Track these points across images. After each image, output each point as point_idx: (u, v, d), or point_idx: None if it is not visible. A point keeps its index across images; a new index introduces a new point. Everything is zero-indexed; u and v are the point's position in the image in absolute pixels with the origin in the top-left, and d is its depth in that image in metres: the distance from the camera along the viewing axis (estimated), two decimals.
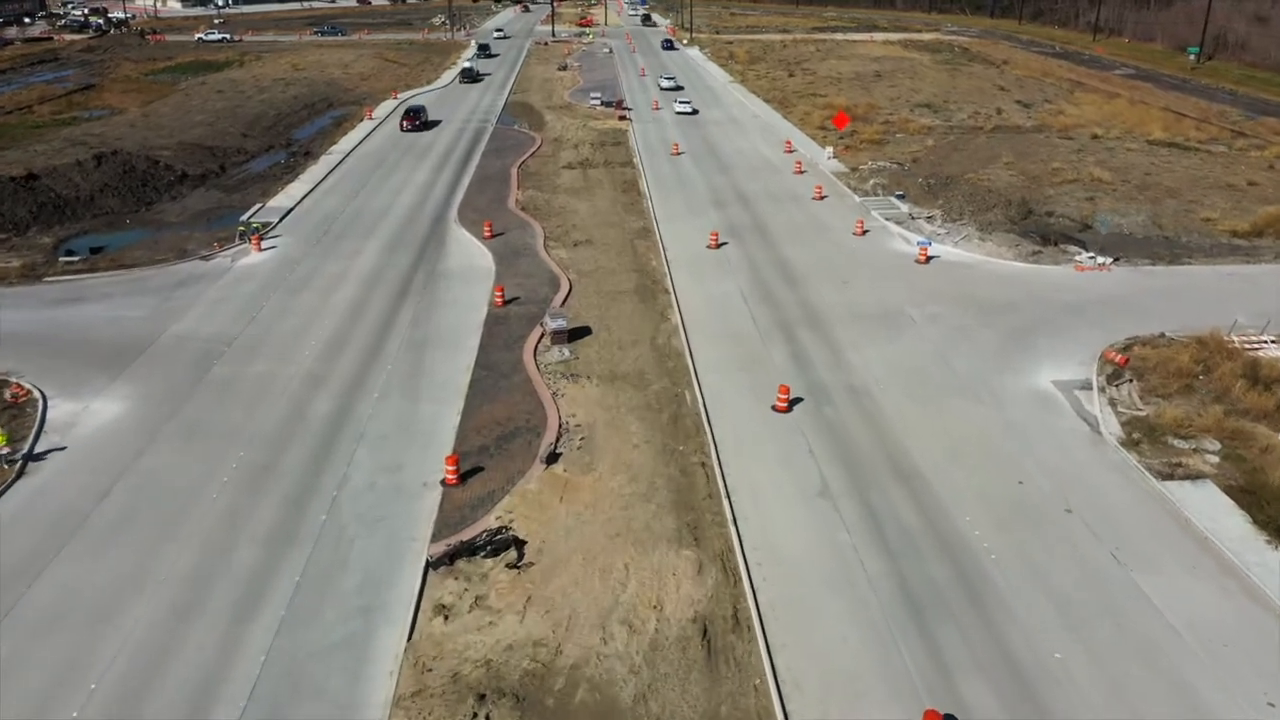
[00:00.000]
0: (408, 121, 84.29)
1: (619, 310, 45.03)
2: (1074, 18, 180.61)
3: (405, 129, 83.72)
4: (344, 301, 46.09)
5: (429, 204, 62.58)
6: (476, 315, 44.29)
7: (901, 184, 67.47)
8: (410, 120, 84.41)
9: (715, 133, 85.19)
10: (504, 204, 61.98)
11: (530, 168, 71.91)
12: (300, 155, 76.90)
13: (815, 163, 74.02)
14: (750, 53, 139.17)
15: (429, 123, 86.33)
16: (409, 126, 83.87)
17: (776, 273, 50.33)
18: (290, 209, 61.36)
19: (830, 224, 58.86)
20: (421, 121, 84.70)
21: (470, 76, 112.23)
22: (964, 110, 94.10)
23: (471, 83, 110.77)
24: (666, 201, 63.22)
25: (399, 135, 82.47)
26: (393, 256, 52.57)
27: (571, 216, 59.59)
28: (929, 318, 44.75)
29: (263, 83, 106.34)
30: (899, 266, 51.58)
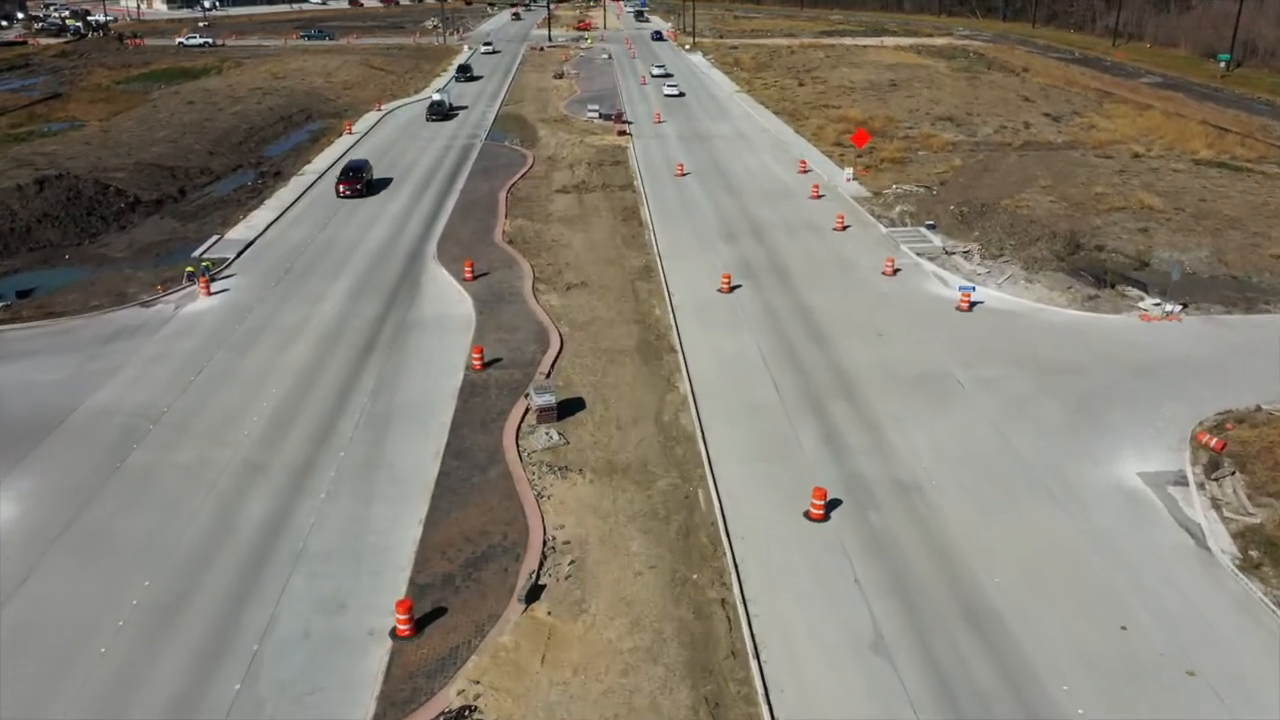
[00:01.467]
0: (345, 185, 63.40)
1: (618, 375, 38.45)
2: (1090, 21, 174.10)
3: (343, 194, 63.24)
4: (298, 362, 39.52)
5: (406, 235, 56.01)
6: (451, 382, 37.73)
7: (931, 211, 60.93)
8: (348, 184, 63.54)
9: (723, 150, 78.63)
10: (489, 236, 55.41)
11: (520, 192, 65.35)
12: (270, 176, 70.34)
13: (833, 185, 67.47)
14: (756, 59, 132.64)
15: (373, 183, 66.04)
16: (346, 192, 63.19)
17: (799, 324, 43.78)
18: (251, 241, 54.81)
19: (856, 260, 52.30)
20: (363, 183, 64.04)
21: (439, 113, 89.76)
22: (989, 124, 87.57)
23: (441, 120, 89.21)
24: (671, 233, 56.66)
25: (379, 154, 75.84)
26: (360, 302, 46.03)
27: (565, 252, 53.03)
28: (980, 383, 38.21)
29: (238, 92, 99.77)
30: (938, 315, 45.04)
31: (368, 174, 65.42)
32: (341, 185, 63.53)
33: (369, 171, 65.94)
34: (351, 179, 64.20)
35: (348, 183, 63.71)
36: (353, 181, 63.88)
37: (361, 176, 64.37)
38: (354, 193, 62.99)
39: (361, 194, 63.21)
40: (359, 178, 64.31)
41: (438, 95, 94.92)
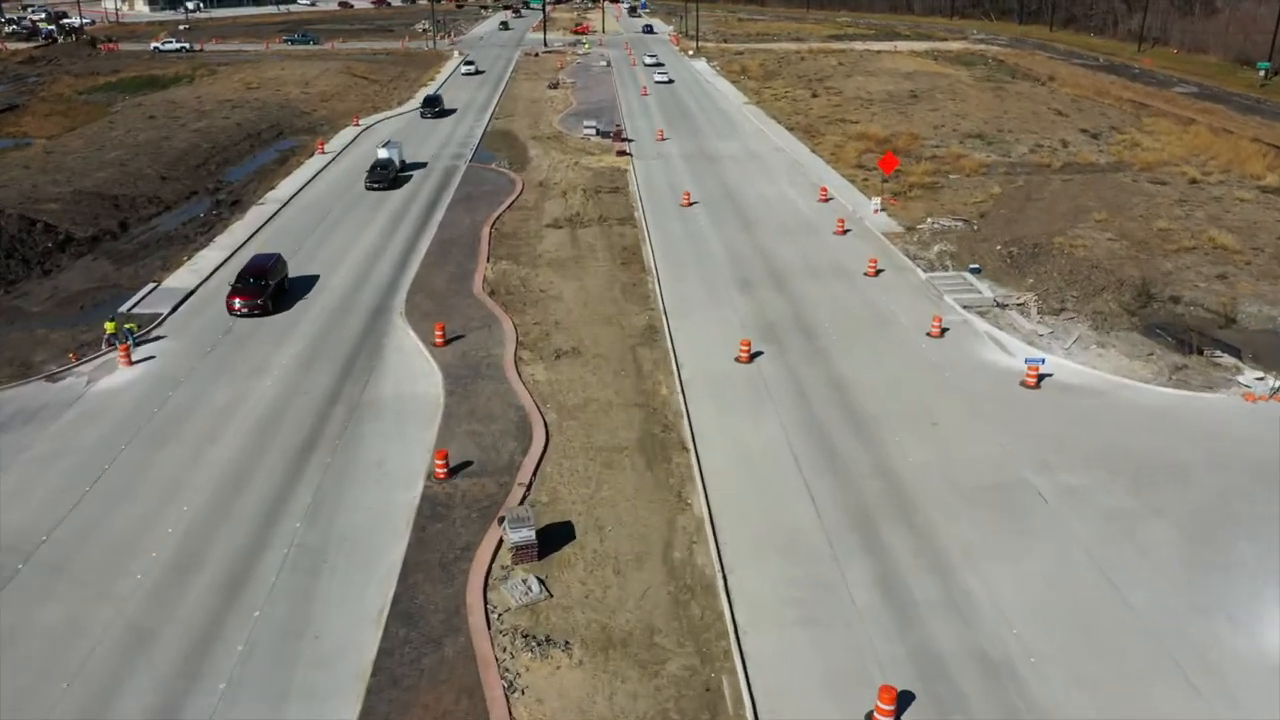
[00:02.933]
0: (241, 298, 43.50)
1: (616, 486, 30.85)
2: (1111, 25, 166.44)
3: (237, 311, 43.35)
4: (221, 464, 31.94)
5: (371, 283, 48.38)
6: (407, 496, 30.14)
7: (974, 252, 53.34)
8: (246, 296, 43.58)
9: (733, 173, 70.96)
10: (467, 285, 47.78)
11: (506, 226, 57.70)
12: (226, 206, 62.73)
13: (859, 217, 59.85)
14: (764, 66, 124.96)
15: (284, 284, 46.52)
16: (242, 308, 43.38)
17: (835, 406, 36.17)
18: (190, 292, 47.22)
19: (894, 317, 44.70)
20: (266, 294, 43.87)
21: (382, 179, 65.23)
22: (1023, 142, 79.97)
23: (386, 188, 64.93)
24: (678, 280, 49.03)
25: (349, 180, 68.16)
26: (309, 374, 38.43)
27: (554, 306, 45.39)
28: (1065, 494, 30.66)
29: (206, 105, 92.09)
30: (1000, 393, 37.44)
31: (277, 276, 45.58)
32: (235, 299, 43.25)
33: (280, 271, 46.19)
34: (248, 290, 43.66)
35: (245, 295, 43.30)
36: (250, 293, 43.50)
37: (265, 283, 44.02)
38: (252, 309, 43.13)
39: (265, 309, 43.58)
40: (260, 286, 43.83)
41: (384, 151, 67.97)
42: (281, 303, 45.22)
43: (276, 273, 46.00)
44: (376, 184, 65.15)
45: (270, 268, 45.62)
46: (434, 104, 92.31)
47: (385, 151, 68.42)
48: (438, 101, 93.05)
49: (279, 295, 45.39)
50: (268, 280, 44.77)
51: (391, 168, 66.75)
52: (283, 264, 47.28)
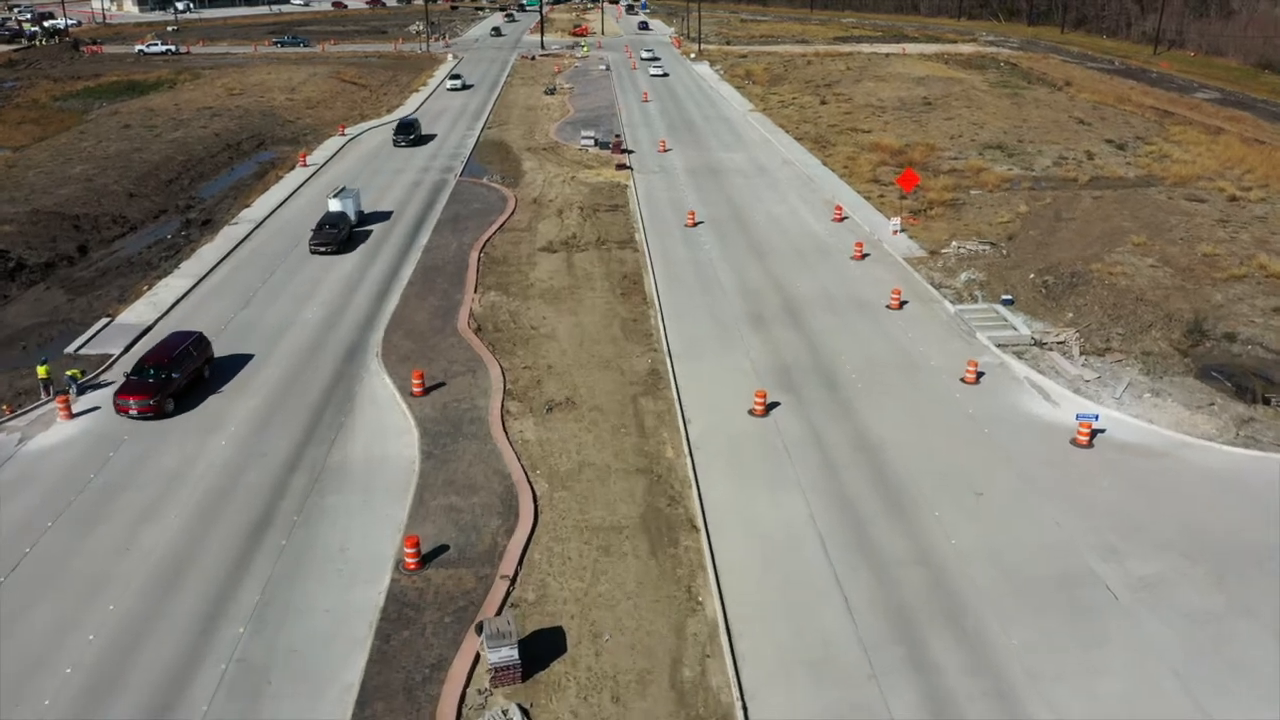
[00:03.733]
0: (132, 398, 34.48)
1: (615, 579, 26.49)
2: (1124, 27, 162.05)
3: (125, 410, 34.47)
4: (158, 550, 27.59)
5: (346, 318, 44.00)
6: (369, 593, 25.79)
7: (1006, 280, 48.98)
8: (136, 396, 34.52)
9: (740, 188, 66.58)
10: (452, 321, 43.40)
11: (496, 250, 53.30)
12: (197, 226, 58.38)
13: (878, 239, 55.50)
14: (769, 70, 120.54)
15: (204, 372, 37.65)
16: (134, 410, 34.40)
17: (865, 473, 31.82)
18: (147, 328, 42.86)
19: (924, 358, 40.33)
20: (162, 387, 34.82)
21: (329, 239, 51.87)
22: (1046, 154, 75.59)
23: (334, 251, 51.79)
24: (684, 314, 44.64)
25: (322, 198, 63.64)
26: (268, 431, 34.08)
27: (547, 346, 41.01)
28: (1137, 588, 26.34)
29: (185, 113, 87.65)
30: (1049, 454, 33.09)
31: (189, 365, 36.36)
32: (125, 397, 34.50)
33: (195, 357, 36.98)
34: (142, 386, 34.74)
35: (137, 393, 34.49)
36: (143, 391, 34.52)
37: (167, 377, 35.13)
38: (144, 410, 34.31)
39: (160, 411, 34.61)
40: (158, 381, 34.88)
41: (336, 202, 55.20)
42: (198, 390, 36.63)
43: (185, 362, 36.17)
44: (323, 246, 51.41)
45: (177, 356, 35.98)
46: (408, 130, 78.35)
47: (337, 202, 55.01)
48: (413, 127, 78.90)
49: (195, 383, 36.72)
50: (170, 373, 35.25)
51: (343, 224, 53.32)
52: (203, 345, 37.78)
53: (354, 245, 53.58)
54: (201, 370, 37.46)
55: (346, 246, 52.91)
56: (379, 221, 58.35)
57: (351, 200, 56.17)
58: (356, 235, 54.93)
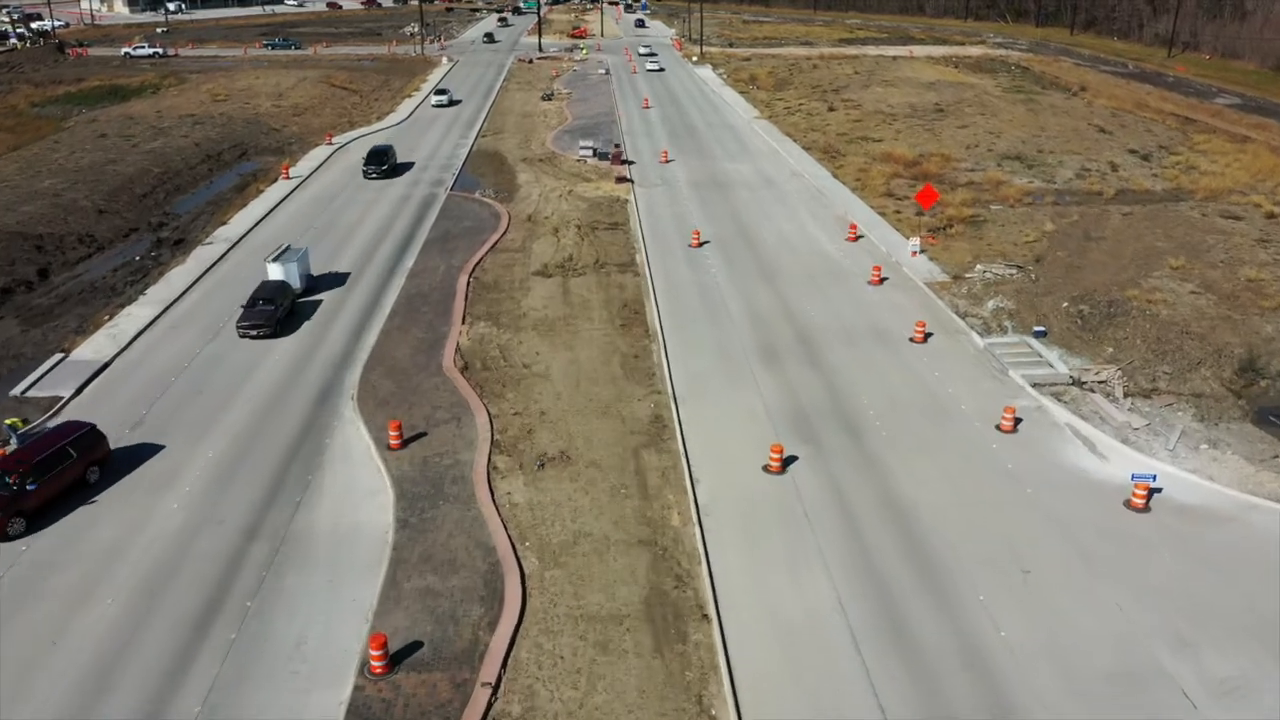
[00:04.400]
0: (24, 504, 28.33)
1: (614, 688, 22.83)
2: (1136, 28, 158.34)
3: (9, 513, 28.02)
4: (90, 643, 23.99)
5: (321, 354, 40.35)
6: (327, 703, 22.17)
7: (1037, 309, 45.31)
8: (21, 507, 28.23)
9: (747, 203, 62.91)
10: (436, 357, 39.75)
11: (487, 274, 49.64)
12: (169, 246, 54.74)
13: (895, 260, 51.87)
14: (774, 74, 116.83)
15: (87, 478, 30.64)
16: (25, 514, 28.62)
17: (896, 541, 28.19)
18: (103, 365, 39.24)
19: (954, 402, 36.66)
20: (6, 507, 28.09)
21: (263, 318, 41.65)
22: (1067, 165, 71.94)
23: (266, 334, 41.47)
24: (690, 349, 40.96)
25: (313, 213, 60.11)
26: (227, 491, 30.46)
27: (539, 388, 37.34)
28: (1216, 692, 22.77)
29: (166, 120, 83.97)
30: (1103, 521, 29.44)
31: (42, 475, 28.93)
32: None
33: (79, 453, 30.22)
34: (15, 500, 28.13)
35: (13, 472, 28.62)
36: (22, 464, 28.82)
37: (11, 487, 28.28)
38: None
39: None
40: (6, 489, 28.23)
41: (277, 267, 44.80)
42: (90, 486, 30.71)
43: (54, 466, 29.32)
44: (252, 327, 40.72)
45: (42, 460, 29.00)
46: (380, 159, 67.02)
47: (278, 268, 44.19)
48: (385, 155, 67.52)
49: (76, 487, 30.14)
50: (25, 483, 28.39)
51: (282, 297, 42.49)
52: (91, 442, 30.76)
53: (295, 324, 42.57)
54: (84, 475, 30.39)
55: (281, 329, 41.75)
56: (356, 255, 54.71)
57: (297, 263, 45.34)
58: (298, 306, 44.17)
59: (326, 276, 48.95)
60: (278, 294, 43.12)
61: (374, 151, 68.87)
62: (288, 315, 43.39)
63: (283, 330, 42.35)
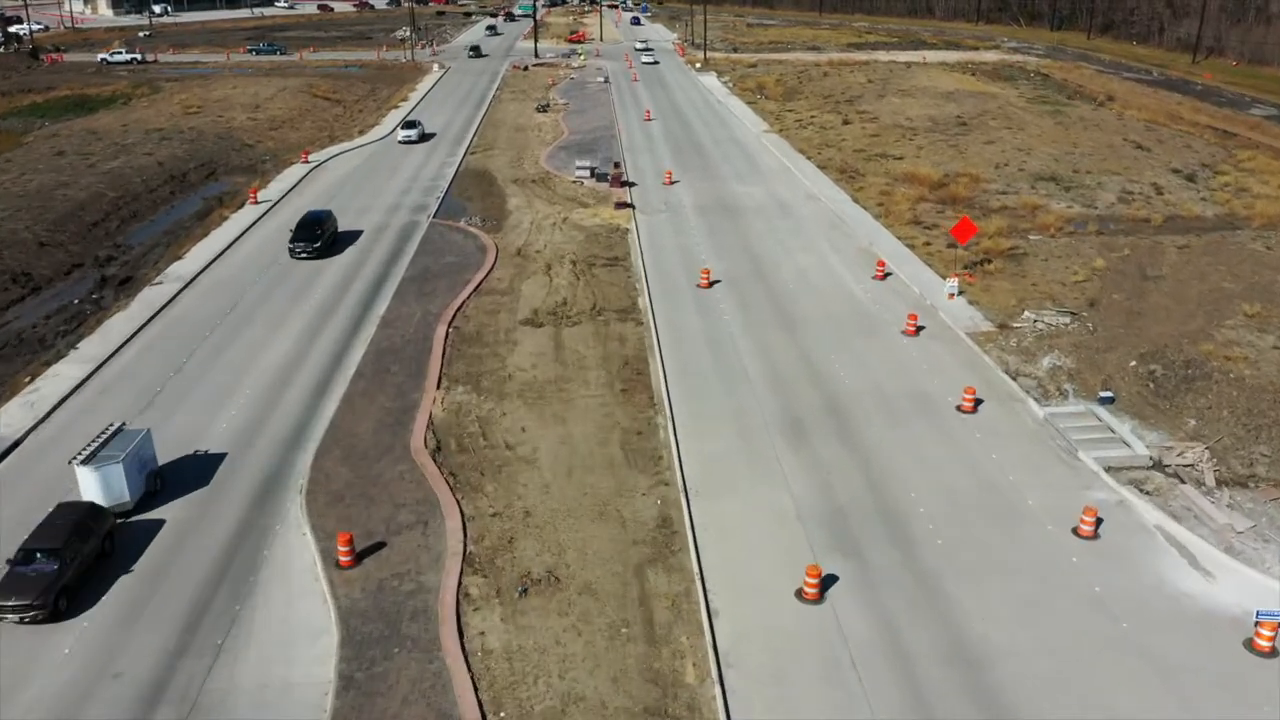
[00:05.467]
0: None
1: None
2: (1156, 32, 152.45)
3: None
4: None
5: (270, 429, 34.39)
6: None
7: (1099, 368, 39.36)
8: None
9: (760, 233, 56.98)
10: (404, 434, 33.81)
11: (469, 322, 43.69)
12: (114, 286, 48.81)
13: (930, 304, 45.96)
14: (782, 82, 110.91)
15: None
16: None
17: (964, 700, 22.23)
18: (12, 445, 33.28)
19: (1019, 495, 30.71)
20: None
21: (28, 597, 24.30)
22: (1107, 187, 66.03)
23: (44, 618, 24.59)
24: (701, 422, 34.98)
25: (279, 245, 54.13)
26: (133, 629, 24.53)
27: (525, 477, 31.39)
28: None
29: (131, 135, 78.04)
30: (1220, 668, 23.55)
31: None
32: None
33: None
34: None
35: None
36: None
37: None
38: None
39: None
40: None
41: (89, 473, 28.03)
42: None
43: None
44: (18, 617, 24.52)
45: None
46: (311, 232, 51.35)
47: (90, 474, 28.06)
48: (319, 225, 51.88)
49: None
50: None
51: (96, 526, 26.92)
52: None
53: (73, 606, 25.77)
54: None
55: (69, 595, 25.40)
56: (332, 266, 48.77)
57: (123, 466, 28.41)
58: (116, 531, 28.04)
59: None
60: (89, 524, 26.62)
61: (305, 222, 52.15)
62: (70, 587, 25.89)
63: (57, 618, 25.13)
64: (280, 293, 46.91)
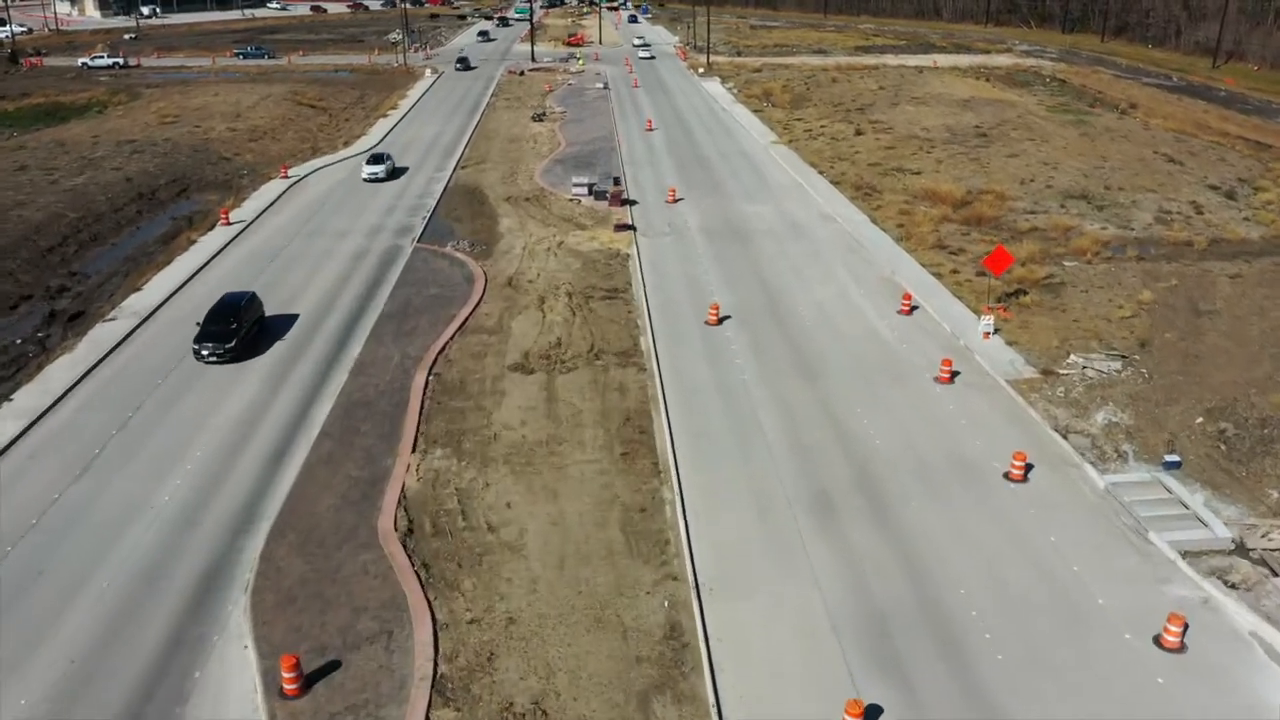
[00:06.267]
0: None
1: None
2: (1173, 35, 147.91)
3: None
4: None
5: (218, 504, 29.88)
6: None
7: (1160, 423, 34.91)
8: None
9: (773, 259, 52.53)
10: (371, 512, 29.33)
11: (452, 368, 39.19)
12: (62, 323, 44.29)
13: (964, 345, 41.51)
14: (789, 88, 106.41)
15: None
16: None
17: None
18: None
19: (1087, 593, 26.22)
20: None
21: None
22: (1142, 205, 61.57)
23: None
24: (714, 499, 30.48)
25: (249, 274, 49.63)
26: None
27: (509, 571, 26.90)
28: None
29: (101, 148, 73.57)
30: None
31: None
32: None
33: None
34: None
35: None
36: None
37: None
38: None
39: None
40: None
41: None
42: None
43: None
44: None
45: None
46: (226, 325, 39.08)
47: None
48: (231, 314, 39.50)
49: None
50: None
51: None
52: None
53: None
54: None
55: None
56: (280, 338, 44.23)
57: None
58: None
59: None
60: None
61: (216, 311, 39.60)
62: None
63: None
64: None
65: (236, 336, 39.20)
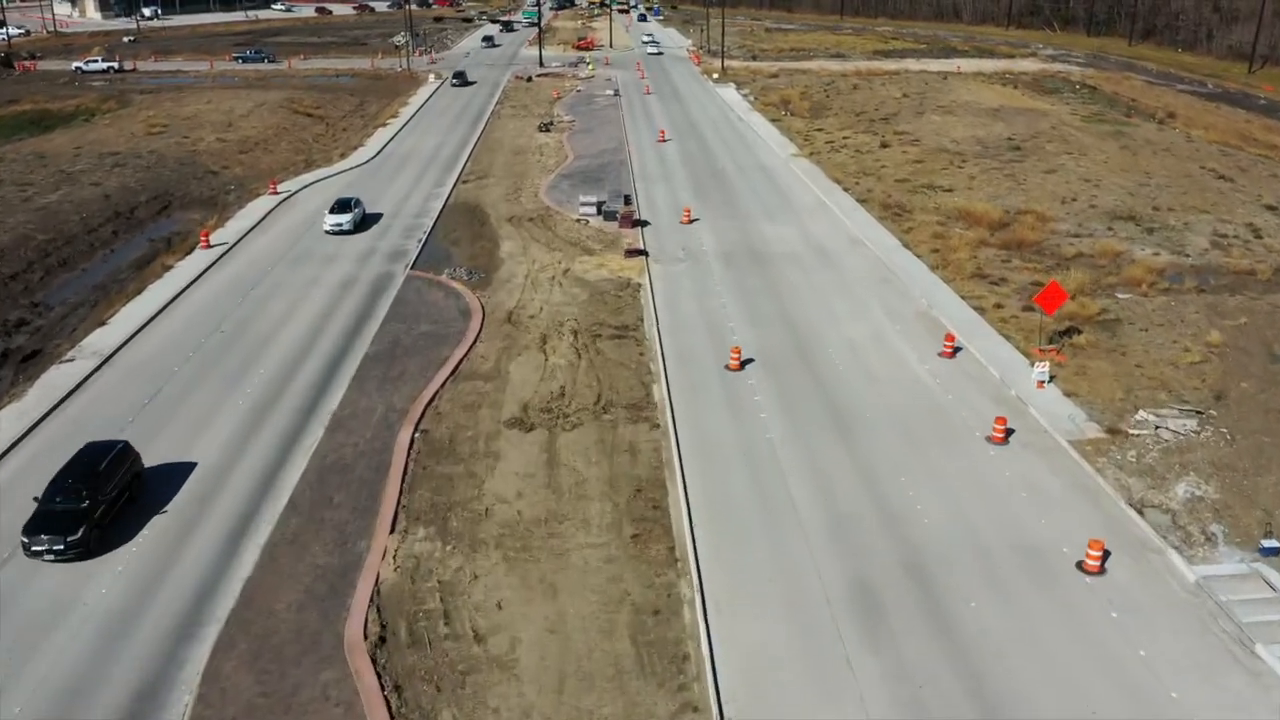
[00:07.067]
0: None
1: None
2: (1204, 39, 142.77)
3: None
4: None
5: (158, 603, 25.63)
6: None
7: (1250, 497, 30.38)
8: None
9: (799, 290, 48.09)
10: (337, 615, 25.01)
11: (441, 422, 34.84)
12: (16, 364, 40.16)
13: (1015, 395, 37.01)
14: (808, 95, 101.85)
15: None
16: None
17: None
18: None
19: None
20: None
21: None
22: (1195, 227, 56.90)
23: None
24: (741, 598, 26.04)
25: (225, 307, 45.51)
26: None
27: (497, 694, 22.52)
28: None
29: (82, 160, 69.60)
30: None
31: None
32: None
33: None
34: None
35: None
36: None
37: None
38: None
39: None
40: None
41: None
42: None
43: None
44: None
45: None
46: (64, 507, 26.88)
47: None
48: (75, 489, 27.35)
49: None
50: None
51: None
52: None
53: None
54: None
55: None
56: None
57: None
58: None
59: None
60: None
61: (68, 472, 28.18)
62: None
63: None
64: (214, 377, 38.19)
65: (85, 522, 26.65)
